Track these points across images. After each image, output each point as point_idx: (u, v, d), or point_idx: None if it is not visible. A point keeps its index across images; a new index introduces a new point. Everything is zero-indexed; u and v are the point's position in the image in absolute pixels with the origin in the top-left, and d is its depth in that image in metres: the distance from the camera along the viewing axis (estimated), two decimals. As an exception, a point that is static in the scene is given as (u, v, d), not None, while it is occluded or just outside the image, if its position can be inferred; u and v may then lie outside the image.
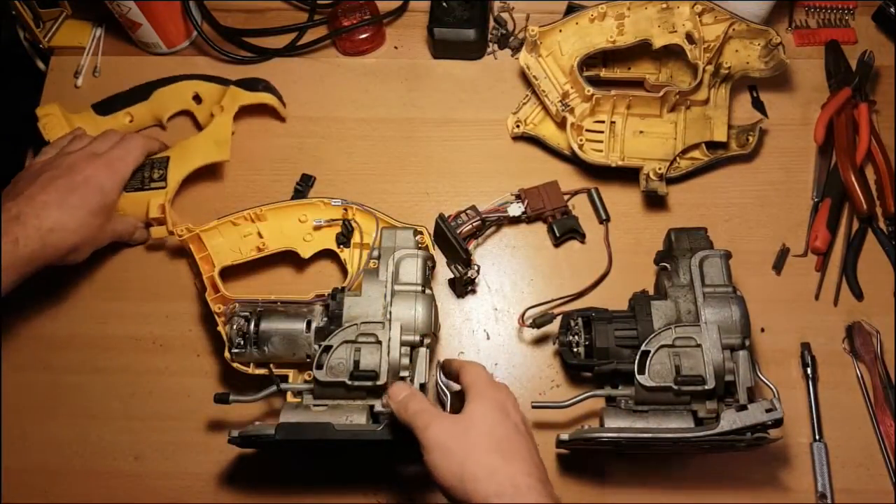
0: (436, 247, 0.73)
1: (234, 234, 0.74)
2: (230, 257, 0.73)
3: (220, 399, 0.64)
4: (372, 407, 0.62)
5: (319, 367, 0.61)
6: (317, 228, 0.74)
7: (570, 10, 0.83)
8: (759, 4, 0.83)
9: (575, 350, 0.66)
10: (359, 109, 0.85)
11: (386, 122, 0.84)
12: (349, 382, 0.61)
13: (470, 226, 0.74)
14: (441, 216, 0.73)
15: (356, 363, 0.61)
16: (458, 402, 0.58)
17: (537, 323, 0.70)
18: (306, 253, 0.74)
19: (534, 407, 0.67)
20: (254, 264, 0.75)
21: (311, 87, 0.86)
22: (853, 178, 0.77)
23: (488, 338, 0.74)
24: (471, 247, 0.76)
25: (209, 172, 0.80)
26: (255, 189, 0.81)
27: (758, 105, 0.85)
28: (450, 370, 0.62)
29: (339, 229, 0.74)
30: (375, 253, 0.68)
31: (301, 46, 0.87)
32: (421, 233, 0.72)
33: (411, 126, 0.84)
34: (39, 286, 0.77)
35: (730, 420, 0.59)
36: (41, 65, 0.89)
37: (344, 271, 0.74)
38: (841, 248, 0.77)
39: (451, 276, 0.73)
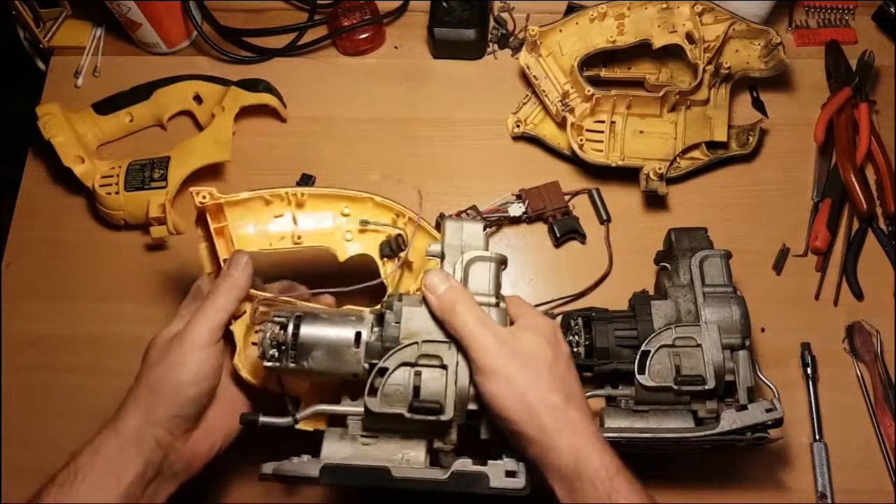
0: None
1: (265, 214, 0.62)
2: (256, 243, 0.61)
3: (247, 422, 0.54)
4: (430, 442, 0.53)
5: (373, 393, 0.51)
6: (362, 231, 0.64)
7: (570, 10, 0.83)
8: (759, 4, 0.83)
9: (575, 350, 0.66)
10: (359, 109, 0.85)
11: (386, 122, 0.84)
12: (408, 415, 0.51)
13: (470, 226, 0.74)
14: (442, 216, 0.73)
15: (416, 390, 0.51)
16: None
17: (537, 323, 0.70)
18: (343, 255, 0.64)
19: None
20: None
21: (311, 87, 0.86)
22: (853, 178, 0.77)
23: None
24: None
25: (209, 172, 0.80)
26: (255, 189, 0.81)
27: (758, 105, 0.85)
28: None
29: (384, 237, 0.64)
30: (436, 249, 0.57)
31: (301, 46, 0.87)
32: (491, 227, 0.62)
33: (411, 126, 0.84)
34: (40, 286, 0.77)
35: (730, 420, 0.59)
36: (41, 65, 0.89)
37: (378, 291, 0.63)
38: (841, 248, 0.77)
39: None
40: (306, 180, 0.81)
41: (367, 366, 0.53)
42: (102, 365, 0.73)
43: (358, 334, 0.53)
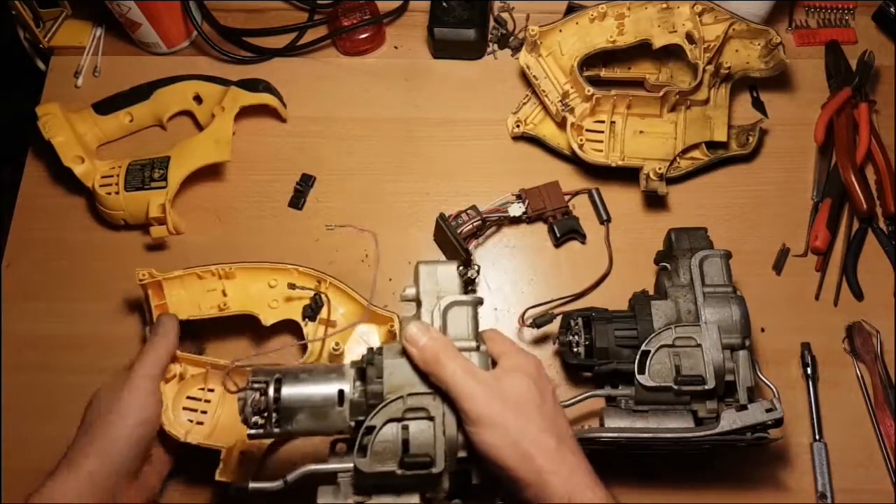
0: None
1: (198, 287, 0.70)
2: (187, 311, 0.69)
3: (238, 490, 0.52)
4: (423, 493, 0.52)
5: (362, 452, 0.50)
6: (287, 299, 0.70)
7: (570, 10, 0.83)
8: (759, 4, 0.83)
9: (575, 350, 0.66)
10: (359, 109, 0.85)
11: (386, 122, 0.84)
12: (399, 472, 0.50)
13: (470, 226, 0.74)
14: (442, 216, 0.73)
15: (405, 444, 0.51)
16: None
17: (537, 323, 0.70)
18: (268, 320, 0.70)
19: None
20: (207, 324, 0.71)
21: (311, 87, 0.86)
22: (853, 178, 0.77)
23: (488, 338, 0.74)
24: (471, 247, 0.76)
25: (209, 172, 0.80)
26: (255, 189, 0.81)
27: (758, 105, 0.85)
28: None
29: (307, 301, 0.70)
30: (410, 293, 0.57)
31: (301, 46, 0.87)
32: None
33: (411, 126, 0.84)
34: (40, 286, 0.77)
35: (730, 420, 0.59)
36: (41, 65, 0.89)
37: (303, 347, 0.69)
38: (841, 248, 0.77)
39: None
40: (306, 180, 0.81)
41: (352, 423, 0.52)
42: (102, 365, 0.73)
43: (341, 392, 0.53)
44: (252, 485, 0.52)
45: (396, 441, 0.50)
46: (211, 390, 0.69)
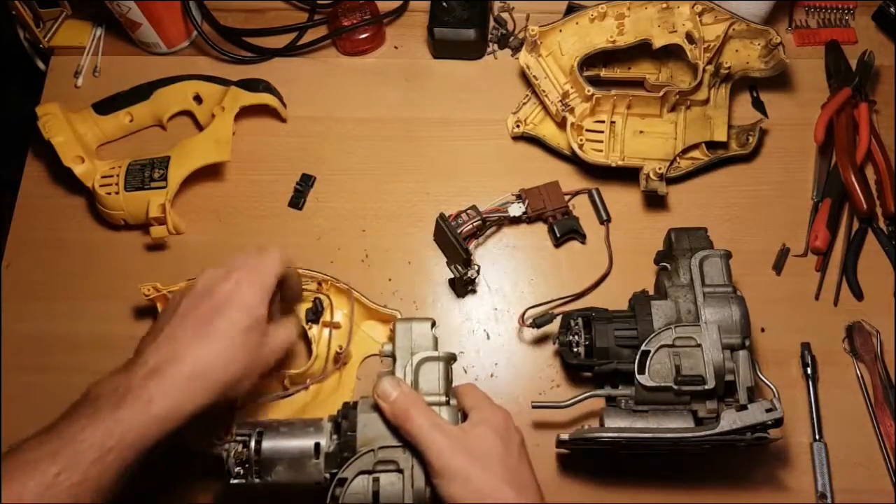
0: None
1: None
2: None
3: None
4: None
5: (334, 502, 0.54)
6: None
7: (570, 9, 0.83)
8: (759, 4, 0.83)
9: (575, 350, 0.66)
10: (359, 109, 0.85)
11: (386, 122, 0.84)
12: None
13: (470, 226, 0.74)
14: (442, 216, 0.73)
15: (375, 496, 0.54)
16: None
17: (537, 323, 0.70)
18: None
19: (534, 407, 0.67)
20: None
21: (311, 87, 0.86)
22: (853, 178, 0.77)
23: (488, 338, 0.74)
24: (471, 247, 0.76)
25: (209, 172, 0.80)
26: (256, 189, 0.81)
27: (758, 105, 0.85)
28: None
29: (309, 304, 0.70)
30: (388, 349, 0.61)
31: (301, 46, 0.87)
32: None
33: (411, 126, 0.84)
34: (40, 286, 0.77)
35: (730, 420, 0.59)
36: (41, 65, 0.89)
37: (310, 349, 0.70)
38: (841, 248, 0.77)
39: (451, 276, 0.73)
40: (306, 180, 0.81)
41: (328, 475, 0.55)
42: (102, 365, 0.73)
43: (317, 445, 0.56)
44: None
45: (367, 493, 0.53)
46: None
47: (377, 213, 0.80)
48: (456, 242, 0.71)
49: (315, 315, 0.70)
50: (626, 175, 0.79)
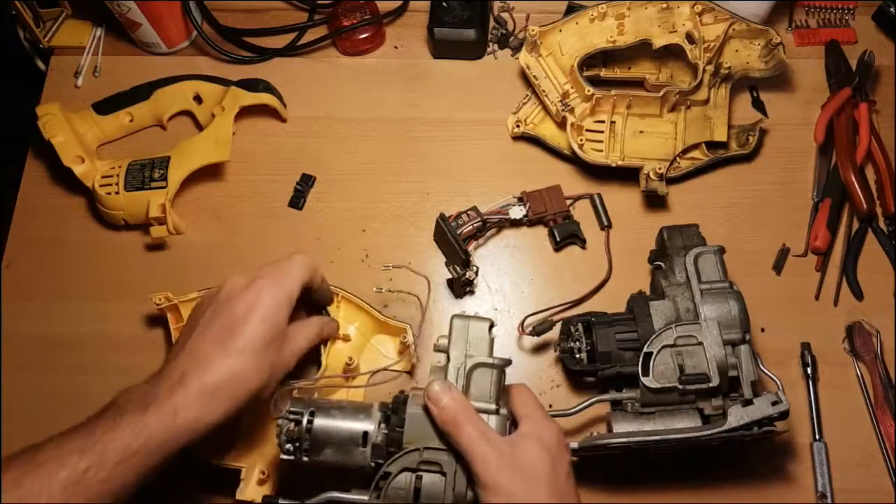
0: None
1: None
2: None
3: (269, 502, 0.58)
4: None
5: (376, 493, 0.54)
6: None
7: (570, 9, 0.83)
8: (759, 4, 0.83)
9: (577, 356, 0.66)
10: (359, 109, 0.85)
11: (386, 122, 0.84)
12: None
13: (471, 227, 0.74)
14: (442, 216, 0.73)
15: (416, 493, 0.54)
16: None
17: (537, 331, 0.69)
18: None
19: None
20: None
21: (311, 87, 0.86)
22: (853, 178, 0.77)
23: (488, 338, 0.74)
24: (471, 248, 0.76)
25: (209, 172, 0.80)
26: (256, 189, 0.81)
27: (758, 105, 0.85)
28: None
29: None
30: (443, 343, 0.59)
31: (301, 46, 0.87)
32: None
33: (411, 126, 0.84)
34: (40, 286, 0.77)
35: (737, 416, 0.59)
36: (41, 65, 0.89)
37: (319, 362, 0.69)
38: (841, 248, 0.77)
39: (450, 276, 0.73)
40: (306, 180, 0.81)
41: (372, 464, 0.55)
42: (102, 365, 0.73)
43: (365, 434, 0.56)
44: (283, 501, 0.57)
45: (409, 489, 0.54)
46: None
47: (377, 213, 0.80)
48: (455, 243, 0.71)
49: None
50: (626, 175, 0.79)
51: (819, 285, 0.76)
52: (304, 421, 0.56)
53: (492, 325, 0.59)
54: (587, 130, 0.79)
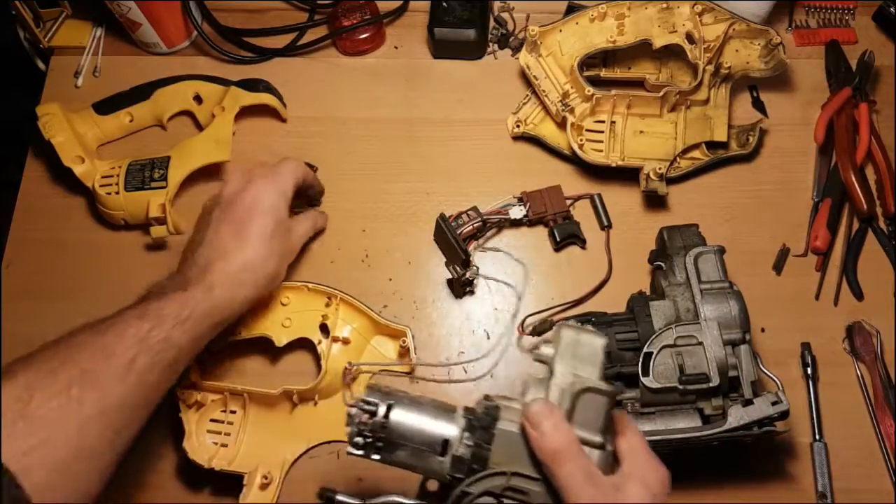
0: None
1: None
2: None
3: (325, 496, 0.52)
4: None
5: None
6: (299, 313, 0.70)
7: (570, 10, 0.83)
8: (759, 4, 0.83)
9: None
10: (359, 109, 0.85)
11: (386, 122, 0.84)
12: None
13: (471, 227, 0.74)
14: (442, 216, 0.73)
15: None
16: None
17: (537, 331, 0.69)
18: (282, 340, 0.69)
19: None
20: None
21: (311, 87, 0.86)
22: (853, 178, 0.77)
23: (488, 337, 0.74)
24: (471, 248, 0.76)
25: (209, 172, 0.80)
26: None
27: (758, 105, 0.85)
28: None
29: (320, 318, 0.70)
30: (548, 353, 0.51)
31: (301, 46, 0.87)
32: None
33: (411, 126, 0.84)
34: (40, 286, 0.77)
35: (737, 416, 0.59)
36: (41, 65, 0.89)
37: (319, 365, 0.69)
38: (841, 248, 0.77)
39: (450, 276, 0.73)
40: (306, 180, 0.81)
41: (448, 477, 0.49)
42: (102, 365, 0.73)
43: (446, 442, 0.49)
44: (341, 497, 0.52)
45: None
46: (233, 412, 0.69)
47: (377, 213, 0.80)
48: (455, 243, 0.71)
49: (327, 330, 0.70)
50: (626, 175, 0.79)
51: (819, 285, 0.76)
52: (381, 413, 0.49)
53: (606, 344, 0.51)
54: (587, 130, 0.79)
